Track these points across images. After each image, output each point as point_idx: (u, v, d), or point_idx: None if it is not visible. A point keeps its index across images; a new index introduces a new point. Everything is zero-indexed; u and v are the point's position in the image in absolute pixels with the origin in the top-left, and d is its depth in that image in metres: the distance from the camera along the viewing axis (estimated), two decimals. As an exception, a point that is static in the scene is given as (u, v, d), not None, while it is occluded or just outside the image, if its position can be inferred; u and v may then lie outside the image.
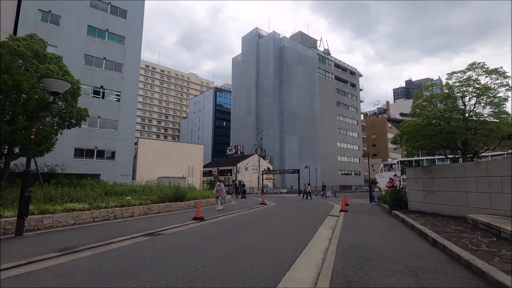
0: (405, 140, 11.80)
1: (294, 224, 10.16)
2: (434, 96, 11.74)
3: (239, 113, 66.48)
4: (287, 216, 12.80)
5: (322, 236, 7.85)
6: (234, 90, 70.94)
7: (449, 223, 8.67)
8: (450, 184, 10.45)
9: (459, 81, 11.19)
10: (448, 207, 10.50)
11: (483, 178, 9.15)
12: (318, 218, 11.97)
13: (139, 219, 10.71)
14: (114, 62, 30.52)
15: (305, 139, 59.46)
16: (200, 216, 10.90)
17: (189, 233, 8.33)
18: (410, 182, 12.65)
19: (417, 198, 12.13)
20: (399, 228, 9.07)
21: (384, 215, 12.69)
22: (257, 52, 63.05)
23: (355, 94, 77.87)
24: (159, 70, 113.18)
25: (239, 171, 47.89)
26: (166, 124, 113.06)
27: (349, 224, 9.91)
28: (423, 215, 10.84)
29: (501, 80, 10.79)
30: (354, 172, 72.06)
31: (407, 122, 11.95)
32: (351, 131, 72.86)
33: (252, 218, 12.13)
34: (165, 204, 13.38)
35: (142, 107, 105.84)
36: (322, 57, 70.32)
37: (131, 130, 31.51)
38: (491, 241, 6.03)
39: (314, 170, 56.74)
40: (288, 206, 18.80)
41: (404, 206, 12.90)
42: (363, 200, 25.19)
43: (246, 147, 57.78)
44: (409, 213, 11.54)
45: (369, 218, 11.76)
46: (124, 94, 30.74)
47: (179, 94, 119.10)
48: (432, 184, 11.34)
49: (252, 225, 9.98)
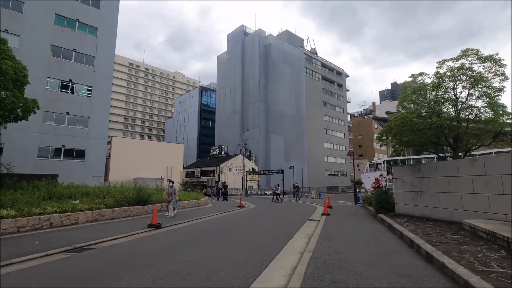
0: (392, 135, 10.56)
1: (266, 232, 8.70)
2: (423, 87, 10.55)
3: (224, 112, 64.79)
4: (262, 222, 11.34)
5: (293, 248, 6.42)
6: (219, 88, 69.22)
7: (443, 230, 7.41)
8: (442, 184, 9.24)
9: (450, 70, 10.02)
10: (440, 210, 9.29)
11: (480, 177, 7.96)
12: (296, 223, 10.56)
13: (81, 228, 9.00)
14: (85, 54, 28.37)
15: (292, 139, 58.35)
16: (156, 223, 9.29)
17: (132, 245, 6.74)
18: (397, 182, 11.43)
19: (405, 200, 10.92)
20: (386, 235, 7.75)
21: (369, 219, 11.42)
22: (242, 50, 61.58)
23: (342, 94, 77.56)
24: (144, 69, 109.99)
25: (222, 171, 46.21)
26: (151, 123, 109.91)
27: (328, 231, 8.54)
28: (412, 219, 9.61)
29: (496, 69, 9.69)
30: (340, 173, 71.55)
31: (394, 115, 10.75)
32: (338, 132, 72.38)
33: (220, 224, 10.60)
34: (123, 209, 11.66)
35: (125, 106, 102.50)
36: (309, 57, 69.55)
37: (103, 128, 29.38)
38: (502, 256, 4.73)
39: (300, 170, 55.68)
40: (268, 209, 17.36)
41: (391, 209, 11.67)
42: (348, 201, 24.05)
43: (231, 147, 56.16)
44: (397, 217, 10.30)
45: (352, 223, 10.45)
46: (96, 89, 28.61)
47: (164, 93, 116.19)
48: (421, 184, 10.13)
49: (216, 234, 8.45)
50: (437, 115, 10.44)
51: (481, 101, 10.08)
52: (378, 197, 12.36)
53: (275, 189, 25.75)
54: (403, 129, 10.17)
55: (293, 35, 71.44)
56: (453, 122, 10.04)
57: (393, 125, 10.71)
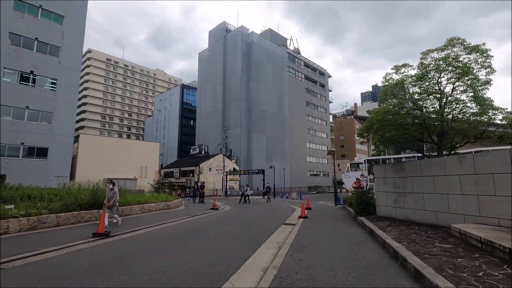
0: (374, 131, 9.67)
1: (231, 241, 7.52)
2: (406, 79, 9.73)
3: (205, 110, 63.09)
4: (231, 227, 10.14)
5: (257, 263, 5.28)
6: (200, 86, 67.40)
7: (430, 237, 6.50)
8: (427, 184, 8.41)
9: (435, 60, 9.24)
10: (424, 213, 8.46)
11: (469, 177, 7.15)
12: (269, 228, 9.45)
13: (8, 239, 7.46)
14: (49, 44, 26.09)
15: (274, 138, 57.52)
16: (103, 231, 7.89)
17: (55, 263, 5.37)
18: (379, 182, 10.58)
19: (387, 202, 10.07)
20: (366, 244, 6.77)
21: (348, 223, 10.49)
22: (224, 47, 60.15)
23: (324, 94, 77.70)
24: (123, 65, 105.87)
25: (202, 171, 44.63)
26: (130, 122, 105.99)
27: (302, 239, 7.48)
28: (394, 223, 8.73)
29: (482, 60, 8.99)
30: (322, 173, 71.55)
31: (375, 109, 9.89)
32: (320, 132, 72.35)
33: (181, 232, 9.32)
34: (71, 214, 10.13)
35: (103, 104, 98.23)
36: (292, 56, 69.07)
37: (69, 125, 27.18)
38: (508, 275, 3.79)
39: (283, 170, 54.95)
40: (243, 212, 16.20)
41: (372, 211, 10.82)
42: (329, 202, 23.30)
43: (212, 147, 54.60)
44: (378, 220, 9.42)
45: (330, 228, 9.46)
46: (62, 82, 26.39)
47: (144, 91, 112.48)
48: (404, 184, 9.29)
49: (170, 244, 7.19)
50: (420, 109, 9.67)
51: (465, 95, 9.38)
52: (358, 198, 11.49)
53: (244, 190, 23.90)
54: (385, 124, 9.30)
55: (276, 34, 70.73)
56: (438, 116, 9.26)
57: (374, 120, 9.83)
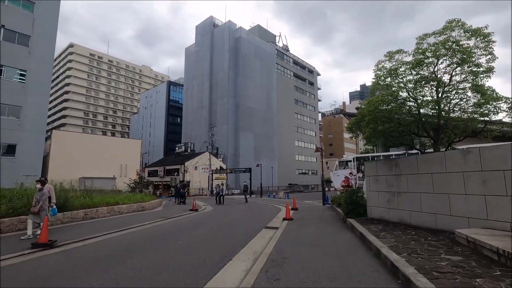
0: (365, 124, 8.66)
1: (199, 252, 6.33)
2: (401, 66, 8.77)
3: (191, 107, 61.41)
4: (205, 232, 8.95)
5: (223, 284, 4.13)
6: (186, 82, 65.61)
7: (433, 246, 5.50)
8: (424, 182, 7.45)
9: (433, 44, 8.30)
10: (422, 215, 7.50)
11: (475, 174, 6.20)
12: (248, 233, 8.33)
13: None
14: (17, 32, 24.08)
15: (262, 136, 56.44)
16: (47, 240, 6.57)
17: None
18: (370, 180, 9.61)
19: (379, 202, 9.09)
20: (358, 254, 5.72)
21: (337, 226, 9.47)
22: (211, 42, 58.59)
23: (313, 92, 77.17)
24: (107, 60, 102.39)
25: (187, 170, 43.14)
26: (115, 119, 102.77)
27: (283, 248, 6.38)
28: (388, 227, 7.75)
29: (485, 45, 8.09)
30: (311, 172, 71.06)
31: (367, 100, 8.89)
32: (309, 130, 71.77)
33: (146, 238, 8.07)
34: (18, 219, 8.73)
35: (86, 100, 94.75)
36: (281, 53, 68.10)
37: (40, 120, 25.27)
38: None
39: (271, 169, 54.02)
40: (224, 213, 15.02)
41: (363, 213, 9.83)
42: (317, 201, 22.41)
43: (198, 145, 53.07)
44: (370, 223, 8.43)
45: (317, 233, 8.40)
46: (32, 74, 24.44)
47: (130, 88, 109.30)
48: (399, 183, 8.33)
49: (125, 256, 5.94)
50: (415, 99, 8.73)
51: (465, 84, 8.48)
52: (347, 198, 10.49)
53: (218, 190, 21.50)
54: (378, 116, 8.29)
55: (265, 30, 69.56)
56: (434, 106, 8.34)
57: (366, 111, 8.83)
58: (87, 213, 11.27)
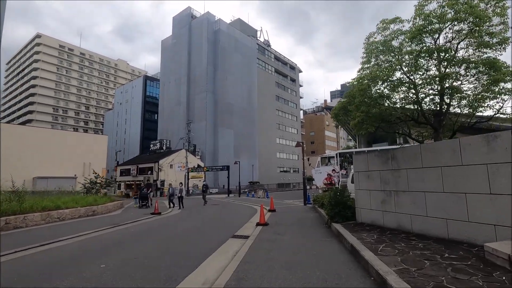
0: (356, 107, 6.96)
1: (120, 283, 4.33)
2: (399, 36, 7.12)
3: (168, 103, 58.38)
4: (151, 246, 6.94)
5: None
6: (163, 77, 62.41)
7: (458, 269, 3.79)
8: (431, 179, 5.84)
9: (439, 7, 6.70)
10: (427, 220, 5.88)
11: (505, 166, 4.61)
12: (208, 246, 6.41)
13: None
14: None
15: (242, 133, 54.45)
16: None
17: None
18: (360, 177, 7.95)
19: (371, 204, 7.45)
20: (352, 282, 3.94)
21: (320, 234, 7.73)
22: (189, 35, 55.84)
23: (295, 89, 76.06)
24: (79, 53, 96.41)
25: (161, 169, 40.48)
26: (87, 116, 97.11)
27: (248, 273, 4.50)
28: (385, 235, 6.09)
29: (499, 11, 6.58)
30: (293, 170, 69.93)
31: (358, 77, 7.20)
32: (291, 127, 70.56)
33: (65, 257, 5.96)
34: None
35: (55, 95, 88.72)
36: (262, 48, 66.34)
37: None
38: None
39: (251, 167, 52.24)
40: (189, 217, 12.99)
41: (350, 216, 8.17)
42: (298, 201, 20.81)
43: (174, 142, 50.30)
44: (361, 230, 6.76)
45: (295, 243, 6.60)
46: (-27, 59, 21.16)
47: (104, 83, 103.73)
48: (397, 179, 6.69)
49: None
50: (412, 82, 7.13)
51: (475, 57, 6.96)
52: (332, 199, 8.78)
53: (172, 192, 17.58)
54: (372, 96, 6.59)
55: (246, 24, 67.48)
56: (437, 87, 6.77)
57: (356, 92, 7.11)
58: (9, 221, 8.90)
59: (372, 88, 7.11)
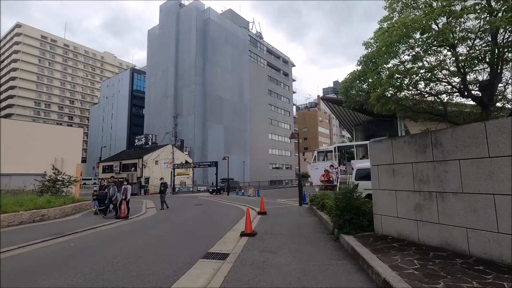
0: (376, 72, 4.78)
1: None
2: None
3: (154, 96, 55.47)
4: (85, 274, 4.67)
5: None
6: (149, 69, 59.34)
7: None
8: (503, 175, 3.74)
9: None
10: (499, 239, 3.78)
11: None
12: (167, 271, 4.19)
13: None
14: None
15: (233, 128, 52.06)
16: None
17: None
18: (379, 173, 5.83)
19: (399, 210, 5.33)
20: None
21: (326, 250, 5.58)
22: (177, 24, 52.91)
23: (288, 84, 73.88)
24: (62, 45, 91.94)
25: (146, 165, 37.91)
26: (72, 110, 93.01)
27: None
28: (429, 260, 3.96)
29: None
30: (285, 166, 67.98)
31: (381, 30, 5.05)
32: (283, 123, 68.43)
33: None
34: None
35: (37, 88, 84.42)
36: (254, 40, 63.81)
37: None
38: None
39: (242, 163, 50.02)
40: (161, 222, 10.72)
41: (367, 225, 6.06)
42: (292, 200, 18.73)
43: (161, 137, 47.59)
44: (387, 248, 4.64)
45: (294, 269, 4.41)
46: None
47: (90, 76, 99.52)
48: (442, 176, 4.59)
49: None
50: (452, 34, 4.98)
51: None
52: (340, 201, 6.63)
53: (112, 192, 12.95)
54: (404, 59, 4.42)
55: (238, 15, 64.73)
56: (488, 44, 4.66)
57: (379, 50, 4.93)
58: None
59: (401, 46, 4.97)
